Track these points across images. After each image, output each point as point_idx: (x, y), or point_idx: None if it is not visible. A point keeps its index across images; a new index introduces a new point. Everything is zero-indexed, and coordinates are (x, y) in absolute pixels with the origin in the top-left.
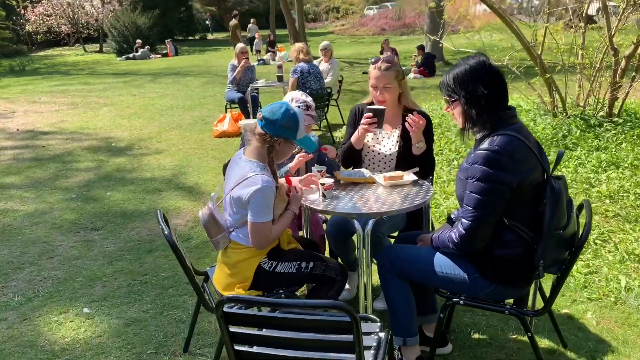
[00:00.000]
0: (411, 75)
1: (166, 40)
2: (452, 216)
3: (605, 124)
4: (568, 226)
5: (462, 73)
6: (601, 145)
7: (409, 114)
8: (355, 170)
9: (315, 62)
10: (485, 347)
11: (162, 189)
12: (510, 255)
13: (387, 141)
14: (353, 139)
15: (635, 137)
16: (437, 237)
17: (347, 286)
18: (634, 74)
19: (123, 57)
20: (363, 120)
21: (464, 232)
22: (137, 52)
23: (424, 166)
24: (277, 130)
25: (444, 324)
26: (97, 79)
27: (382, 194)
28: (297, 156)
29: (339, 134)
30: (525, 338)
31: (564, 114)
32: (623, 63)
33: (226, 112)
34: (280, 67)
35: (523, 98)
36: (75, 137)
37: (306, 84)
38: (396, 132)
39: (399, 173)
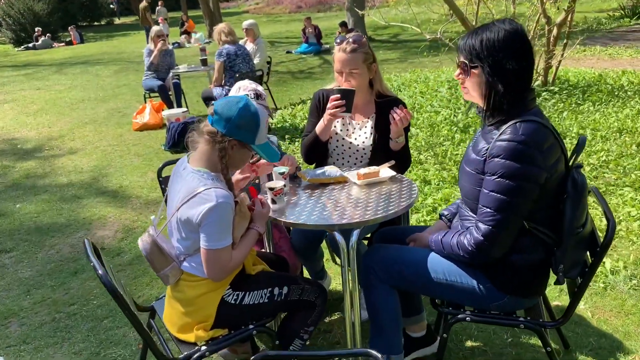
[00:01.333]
0: None
1: (69, 27)
2: (445, 213)
3: (543, 94)
4: (587, 223)
5: (495, 38)
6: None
7: (394, 107)
8: (323, 168)
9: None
10: (481, 355)
11: (82, 195)
12: (528, 261)
13: (358, 132)
14: (318, 128)
15: (574, 104)
16: (438, 239)
17: None
18: (565, 40)
19: (22, 47)
20: (329, 105)
21: (481, 238)
22: (37, 41)
23: (402, 160)
24: (231, 130)
25: (444, 347)
26: None
27: (359, 195)
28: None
29: (273, 120)
30: (523, 340)
31: None
32: (555, 31)
33: (145, 102)
34: (203, 49)
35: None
36: None
37: (234, 67)
38: (369, 123)
39: (374, 169)
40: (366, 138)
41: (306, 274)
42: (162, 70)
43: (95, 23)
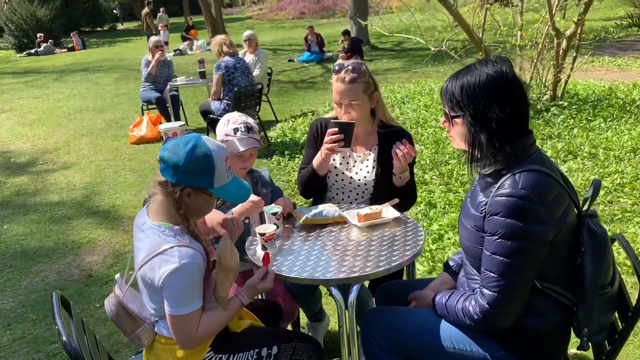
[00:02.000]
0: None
1: (72, 33)
2: (451, 263)
3: (551, 109)
4: (614, 281)
5: (475, 83)
6: (554, 132)
7: (397, 142)
8: (320, 207)
9: (239, 53)
10: None
11: (72, 215)
12: (544, 325)
13: (360, 166)
14: (315, 162)
15: (584, 121)
16: (442, 302)
17: None
18: (574, 54)
19: (24, 53)
20: (326, 138)
21: (487, 306)
22: (39, 47)
23: (406, 197)
24: (180, 178)
25: None
26: None
27: (359, 239)
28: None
29: (273, 134)
30: None
31: None
32: (564, 44)
33: (143, 114)
34: (201, 61)
35: None
36: None
37: (233, 80)
38: (371, 156)
39: (375, 209)
40: (368, 172)
41: (302, 315)
42: (160, 82)
43: (98, 29)
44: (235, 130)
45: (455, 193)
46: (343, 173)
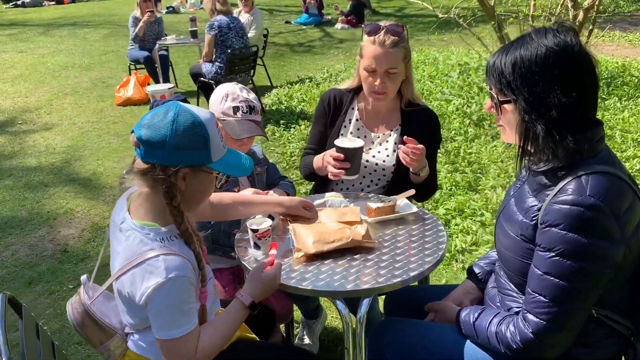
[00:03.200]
0: (338, 26)
1: None
2: (476, 270)
3: None
4: None
5: (531, 59)
6: None
7: (403, 141)
8: (324, 196)
9: (234, 13)
10: None
11: (50, 182)
12: (596, 357)
13: (378, 148)
14: (315, 164)
15: (599, 99)
16: (469, 321)
17: (306, 339)
18: (591, 27)
19: (10, 4)
20: (331, 162)
21: (531, 336)
22: None
23: (426, 189)
24: (171, 157)
25: None
26: None
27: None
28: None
29: (268, 101)
30: None
31: None
32: (581, 16)
33: (130, 74)
34: (193, 19)
35: (467, 53)
36: None
37: (226, 41)
38: (392, 136)
39: (389, 201)
40: (387, 156)
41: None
42: (149, 40)
43: None
44: (236, 109)
45: (463, 173)
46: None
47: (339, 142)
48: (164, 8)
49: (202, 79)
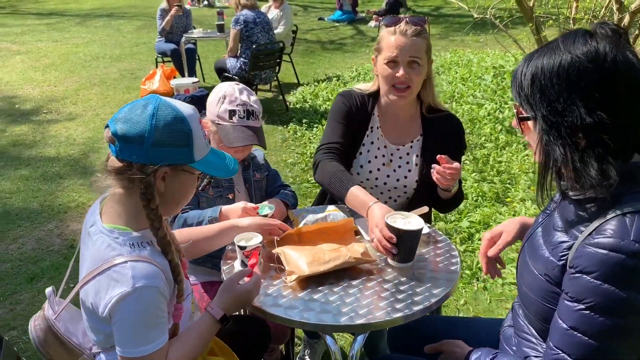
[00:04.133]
0: (372, 24)
1: None
2: None
3: None
4: None
5: (552, 70)
6: None
7: (435, 161)
8: (326, 211)
9: (263, 8)
10: None
11: (65, 174)
12: None
13: (397, 162)
14: (352, 199)
15: None
16: None
17: None
18: (637, 31)
19: None
20: (382, 241)
21: None
22: None
23: (452, 203)
24: (150, 154)
25: None
26: (16, 19)
27: (369, 266)
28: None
29: (292, 98)
30: None
31: None
32: (627, 19)
33: (157, 66)
34: (220, 13)
35: (503, 56)
36: None
37: (252, 37)
38: (414, 148)
39: (398, 217)
40: (409, 171)
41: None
42: (176, 33)
43: None
44: (232, 113)
45: (491, 183)
46: (378, 170)
47: (391, 220)
48: (200, 3)
49: (226, 74)
